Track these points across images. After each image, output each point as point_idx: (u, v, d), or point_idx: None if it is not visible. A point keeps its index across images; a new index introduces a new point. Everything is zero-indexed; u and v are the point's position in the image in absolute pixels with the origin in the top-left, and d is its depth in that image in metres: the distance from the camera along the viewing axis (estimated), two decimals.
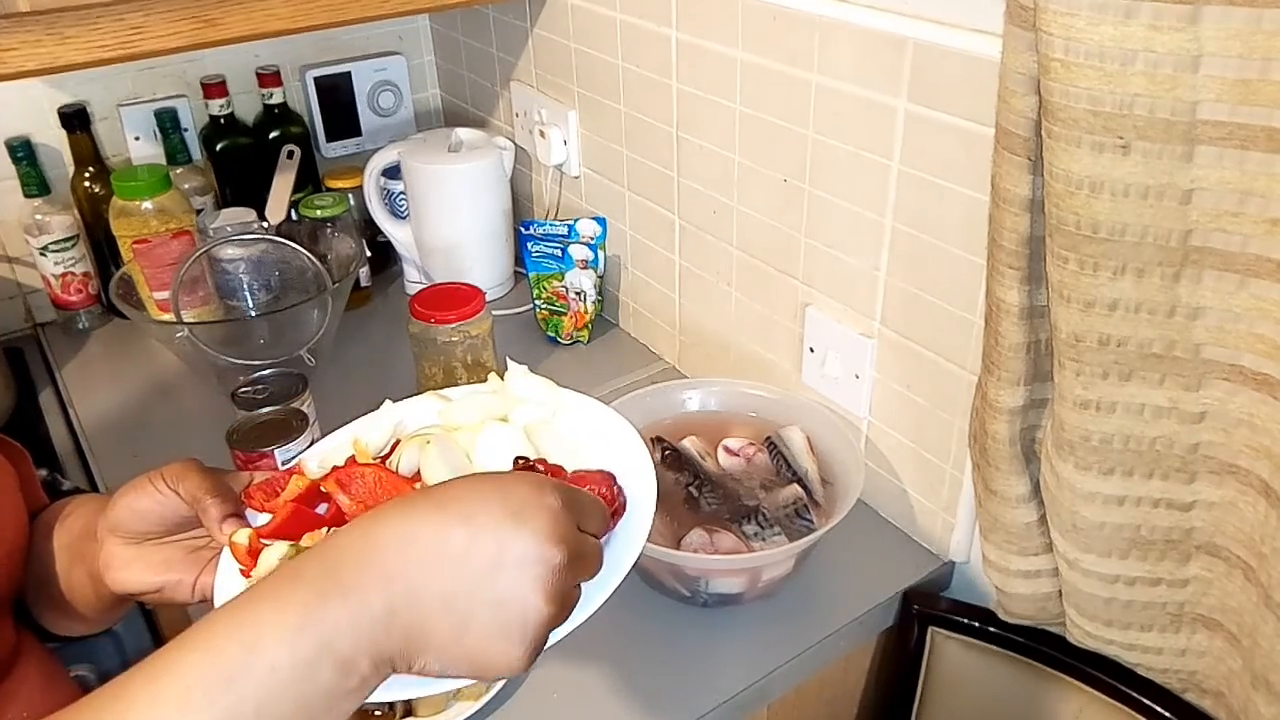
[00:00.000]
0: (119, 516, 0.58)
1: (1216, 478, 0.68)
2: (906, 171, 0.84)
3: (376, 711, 0.80)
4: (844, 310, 0.97)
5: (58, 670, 0.62)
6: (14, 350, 1.34)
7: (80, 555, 0.61)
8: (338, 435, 0.67)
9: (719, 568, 0.88)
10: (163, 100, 1.40)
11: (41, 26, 0.84)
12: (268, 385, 1.05)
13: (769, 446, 0.99)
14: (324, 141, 1.54)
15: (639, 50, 1.11)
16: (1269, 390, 0.62)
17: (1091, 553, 0.74)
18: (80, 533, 0.62)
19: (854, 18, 0.83)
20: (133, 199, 1.18)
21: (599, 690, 0.84)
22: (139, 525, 0.59)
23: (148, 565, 0.59)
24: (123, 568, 0.59)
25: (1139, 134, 0.58)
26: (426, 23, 1.59)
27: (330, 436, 0.67)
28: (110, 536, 0.59)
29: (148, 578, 0.59)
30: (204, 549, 0.61)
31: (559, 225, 1.32)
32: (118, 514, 0.58)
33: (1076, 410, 0.69)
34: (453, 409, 0.65)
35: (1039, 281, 0.70)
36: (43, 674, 0.60)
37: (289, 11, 0.95)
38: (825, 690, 0.96)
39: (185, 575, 0.60)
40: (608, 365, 1.29)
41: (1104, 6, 0.55)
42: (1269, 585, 0.65)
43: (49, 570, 0.62)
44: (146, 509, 0.58)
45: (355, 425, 0.66)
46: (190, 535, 0.61)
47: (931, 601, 0.93)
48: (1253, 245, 0.59)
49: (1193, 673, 0.77)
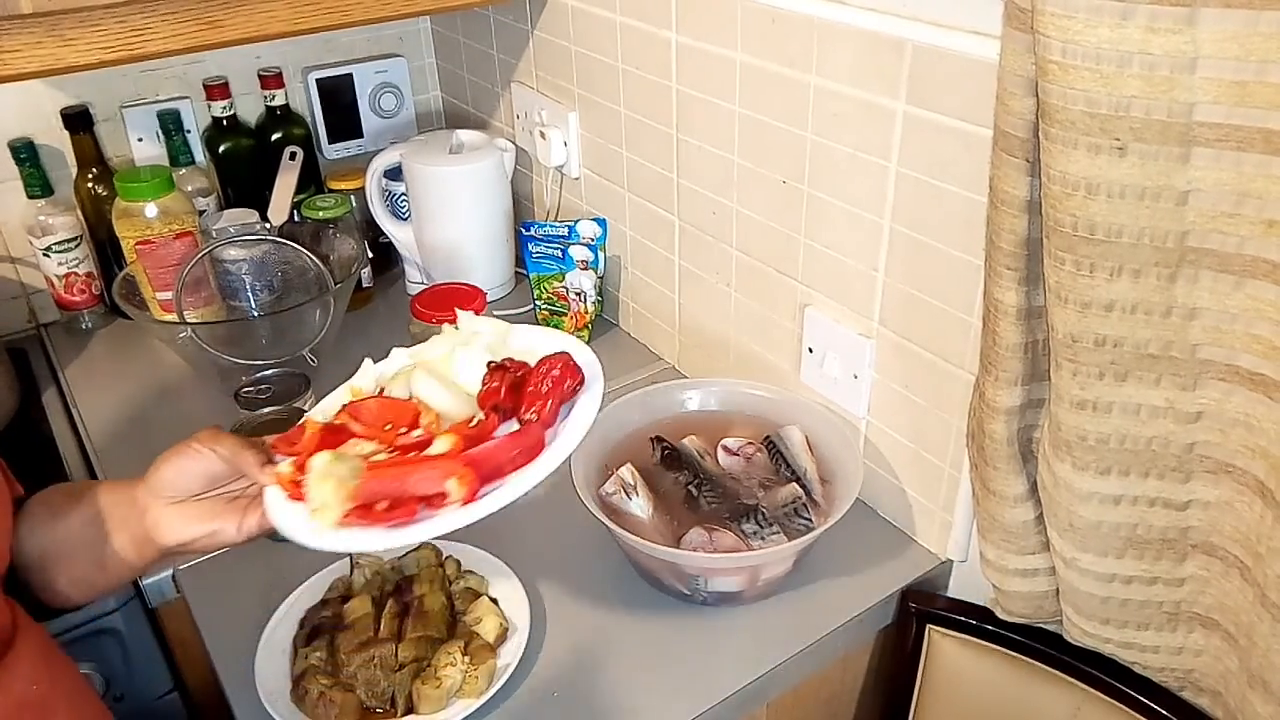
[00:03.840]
0: (164, 480, 0.67)
1: (1213, 477, 0.68)
2: (905, 173, 0.84)
3: (378, 709, 0.81)
4: (843, 311, 0.97)
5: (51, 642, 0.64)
6: (18, 350, 1.35)
7: (121, 523, 0.68)
8: (331, 396, 0.77)
9: (718, 566, 0.88)
10: (165, 101, 1.40)
11: (44, 28, 0.85)
12: (270, 385, 1.06)
13: (768, 446, 0.99)
14: (326, 143, 1.54)
15: (639, 52, 1.11)
16: (1265, 390, 0.63)
17: (1088, 551, 0.75)
18: (106, 507, 0.68)
19: (853, 20, 0.84)
20: (136, 200, 1.18)
21: (599, 689, 0.84)
22: (184, 484, 0.67)
23: (195, 517, 0.68)
24: (173, 523, 0.67)
25: (1135, 135, 0.59)
26: (427, 24, 1.60)
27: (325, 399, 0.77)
28: (154, 501, 0.67)
29: (197, 527, 0.67)
30: (240, 497, 0.70)
31: (559, 226, 1.32)
32: (162, 479, 0.67)
33: (1073, 410, 0.70)
34: (422, 349, 0.78)
35: (1036, 282, 0.71)
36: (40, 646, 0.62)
37: (291, 14, 0.96)
38: (824, 688, 0.97)
39: (229, 520, 0.68)
40: (608, 365, 1.27)
41: (1100, 9, 0.56)
42: (1265, 584, 0.65)
43: (65, 548, 0.68)
44: (191, 469, 0.67)
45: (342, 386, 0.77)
46: (223, 489, 0.70)
47: (929, 600, 0.94)
48: (1249, 246, 0.59)
49: (1189, 671, 0.77)
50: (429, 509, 0.65)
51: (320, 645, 0.85)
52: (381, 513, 0.65)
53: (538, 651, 0.87)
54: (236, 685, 0.84)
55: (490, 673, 0.82)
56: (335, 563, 0.94)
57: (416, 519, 0.65)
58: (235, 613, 0.91)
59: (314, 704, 0.79)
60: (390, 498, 0.65)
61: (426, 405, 0.72)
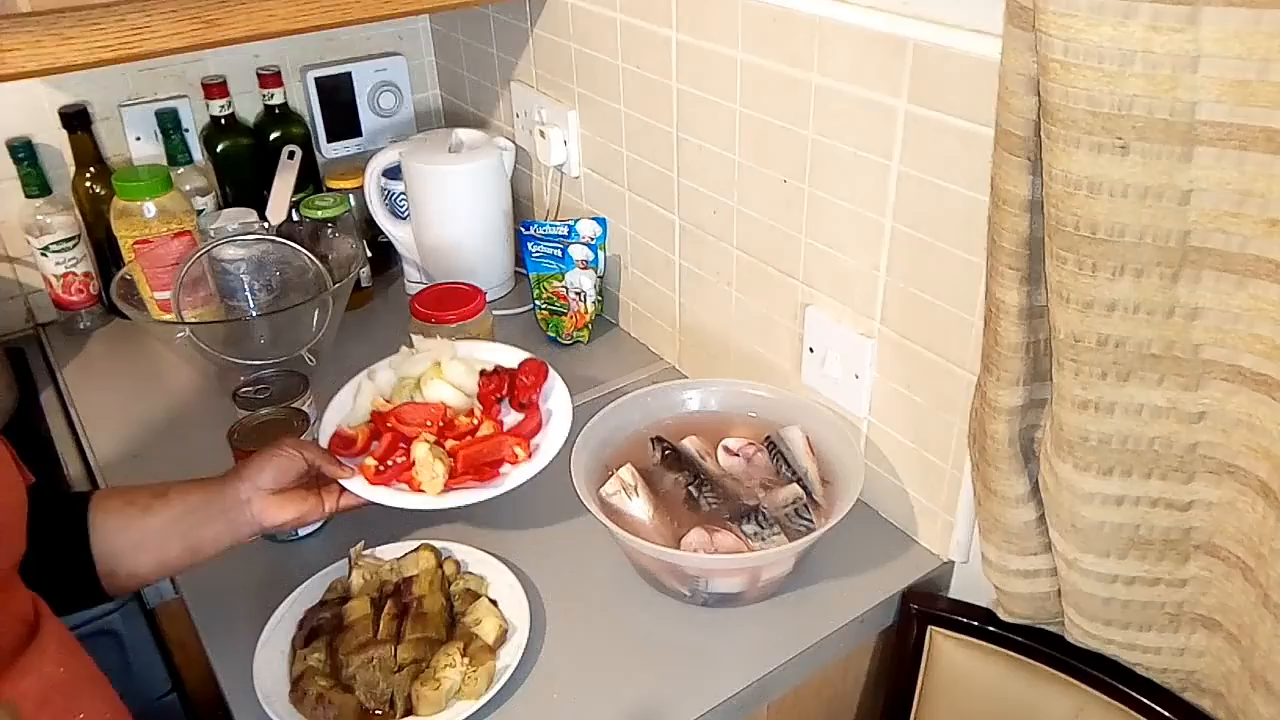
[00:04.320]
0: (267, 477, 0.85)
1: (1215, 478, 0.68)
2: (906, 172, 0.84)
3: (376, 710, 0.81)
4: (844, 310, 0.97)
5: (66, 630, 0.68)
6: (15, 350, 1.34)
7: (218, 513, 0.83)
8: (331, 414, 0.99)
9: (719, 567, 0.88)
10: (164, 100, 1.40)
11: (42, 27, 0.84)
12: (268, 385, 1.05)
13: (769, 446, 0.99)
14: (325, 142, 1.54)
15: (639, 51, 1.11)
16: (1268, 390, 0.62)
17: (1090, 552, 0.74)
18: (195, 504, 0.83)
19: (854, 18, 0.83)
20: (134, 199, 1.18)
21: (599, 690, 0.84)
22: (281, 479, 0.86)
23: (290, 503, 0.86)
24: (273, 509, 0.85)
25: (1138, 134, 0.58)
26: (427, 23, 1.60)
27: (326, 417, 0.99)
28: (257, 492, 0.85)
29: (292, 511, 0.86)
30: (320, 488, 0.90)
31: (559, 225, 1.32)
32: (265, 476, 0.85)
33: (1075, 410, 0.70)
34: (403, 365, 1.02)
35: (1038, 282, 0.71)
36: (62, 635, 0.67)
37: (290, 12, 0.96)
38: (825, 689, 0.96)
39: (315, 505, 0.88)
40: (608, 365, 1.29)
41: (1102, 7, 0.55)
42: (1267, 585, 0.65)
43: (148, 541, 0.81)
44: (288, 468, 0.87)
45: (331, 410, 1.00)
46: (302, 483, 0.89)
47: (931, 601, 0.93)
48: (1251, 246, 0.59)
49: (1191, 672, 0.77)
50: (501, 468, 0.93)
51: (319, 646, 0.84)
52: (469, 477, 0.91)
53: (537, 653, 0.87)
54: (235, 686, 0.84)
55: (490, 674, 0.82)
56: (334, 564, 0.94)
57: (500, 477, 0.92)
58: (234, 614, 0.91)
59: (313, 705, 0.79)
60: (476, 466, 0.91)
61: (446, 404, 0.97)
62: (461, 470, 0.91)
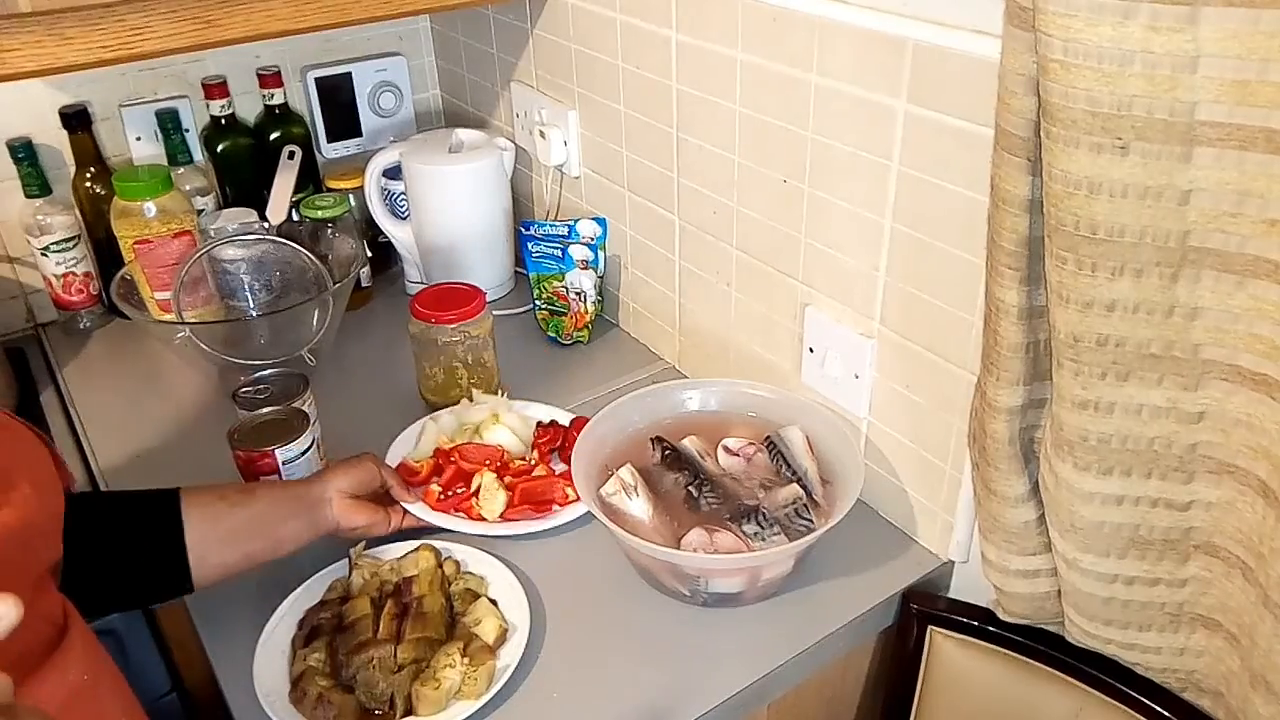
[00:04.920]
0: (349, 481, 0.93)
1: (1215, 478, 0.68)
2: (906, 172, 0.84)
3: (376, 710, 0.81)
4: (844, 310, 0.97)
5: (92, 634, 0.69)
6: (15, 350, 1.34)
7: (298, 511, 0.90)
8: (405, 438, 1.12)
9: (719, 567, 0.88)
10: (164, 101, 1.40)
11: (43, 27, 0.84)
12: (269, 385, 1.05)
13: (769, 446, 0.99)
14: (325, 142, 1.54)
15: (639, 51, 1.11)
16: (1267, 390, 0.62)
17: (1090, 552, 0.74)
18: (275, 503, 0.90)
19: (854, 19, 0.83)
20: (134, 199, 1.18)
21: (599, 690, 0.84)
22: (359, 487, 0.94)
23: (364, 510, 0.94)
24: (351, 511, 0.92)
25: (1137, 135, 0.58)
26: (427, 23, 1.60)
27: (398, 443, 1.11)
28: (338, 495, 0.92)
29: (365, 517, 0.93)
30: (388, 505, 0.98)
31: (559, 225, 1.32)
32: (346, 480, 0.93)
33: (1075, 410, 0.70)
34: (465, 413, 1.14)
35: (1038, 282, 0.71)
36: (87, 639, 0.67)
37: (290, 12, 0.96)
38: (825, 689, 0.96)
39: (383, 518, 0.95)
40: (608, 365, 1.29)
41: (1102, 7, 0.55)
42: (1267, 585, 0.65)
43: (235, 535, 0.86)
44: (367, 479, 0.95)
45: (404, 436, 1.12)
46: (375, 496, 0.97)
47: (931, 601, 0.93)
48: (1251, 246, 0.59)
49: (1191, 672, 0.77)
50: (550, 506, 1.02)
51: (319, 646, 0.84)
52: (526, 507, 1.01)
53: (537, 652, 0.87)
54: (235, 686, 0.84)
55: (489, 674, 0.82)
56: (334, 564, 0.94)
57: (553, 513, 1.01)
58: (234, 613, 0.91)
59: (313, 705, 0.79)
60: (531, 499, 1.01)
61: (504, 447, 1.07)
62: (518, 502, 1.01)
